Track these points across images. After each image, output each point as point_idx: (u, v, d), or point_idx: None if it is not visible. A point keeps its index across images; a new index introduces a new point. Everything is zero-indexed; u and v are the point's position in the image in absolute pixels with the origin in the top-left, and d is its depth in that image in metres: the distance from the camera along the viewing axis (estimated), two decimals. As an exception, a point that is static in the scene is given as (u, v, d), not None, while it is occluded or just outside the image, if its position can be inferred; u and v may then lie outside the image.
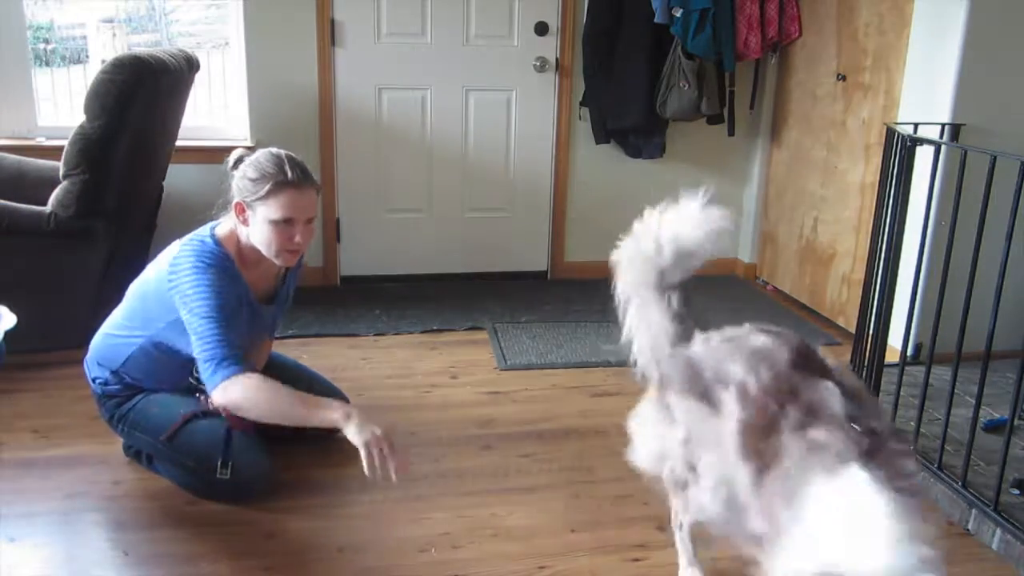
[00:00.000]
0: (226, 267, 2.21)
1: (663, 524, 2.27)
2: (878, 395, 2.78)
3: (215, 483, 2.26)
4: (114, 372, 2.38)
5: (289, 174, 2.15)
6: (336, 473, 2.49)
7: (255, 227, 2.20)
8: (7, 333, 1.99)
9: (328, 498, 2.36)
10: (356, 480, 2.45)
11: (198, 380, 2.24)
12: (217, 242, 2.23)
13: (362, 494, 2.38)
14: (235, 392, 2.09)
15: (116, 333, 2.38)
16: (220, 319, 2.12)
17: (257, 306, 2.35)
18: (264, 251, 2.22)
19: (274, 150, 2.23)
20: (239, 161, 2.24)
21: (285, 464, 2.48)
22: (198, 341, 2.13)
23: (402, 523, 2.25)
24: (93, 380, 2.43)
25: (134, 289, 2.37)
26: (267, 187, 2.14)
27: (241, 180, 2.19)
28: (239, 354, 2.13)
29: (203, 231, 2.27)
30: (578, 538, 2.20)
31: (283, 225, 2.17)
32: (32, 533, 2.15)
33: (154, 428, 2.32)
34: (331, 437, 2.64)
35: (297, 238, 2.20)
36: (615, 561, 2.11)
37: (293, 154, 2.25)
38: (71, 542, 2.14)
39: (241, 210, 2.20)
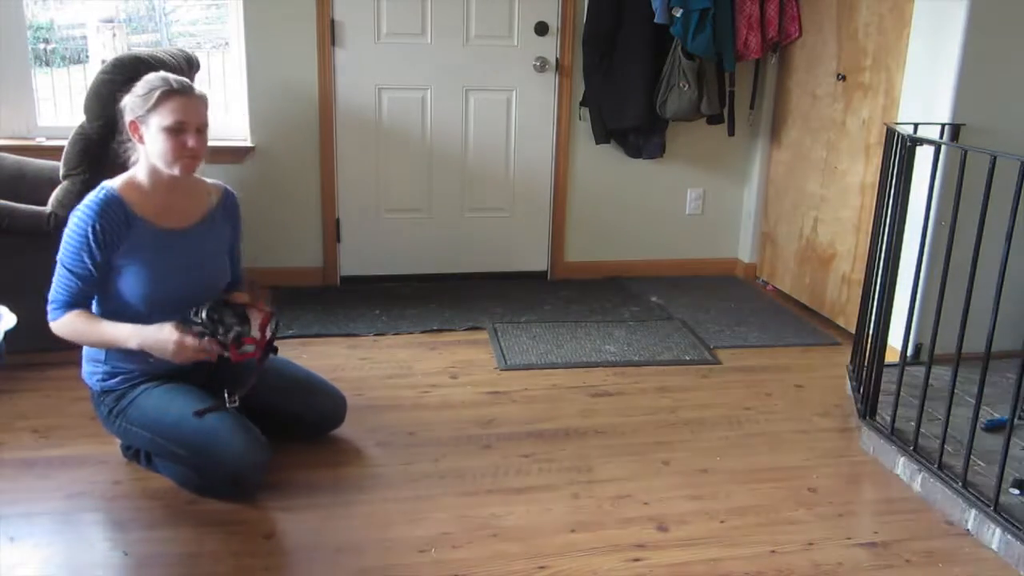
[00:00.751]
0: (107, 210, 2.25)
1: (663, 524, 2.27)
2: (878, 395, 2.78)
3: (211, 475, 2.26)
4: (103, 361, 2.38)
5: (175, 84, 2.28)
6: (335, 473, 2.49)
7: (150, 142, 2.27)
8: (7, 333, 1.99)
9: (328, 498, 2.36)
10: (356, 480, 2.46)
11: (187, 317, 2.28)
12: (110, 184, 2.31)
13: (362, 494, 2.38)
14: (57, 329, 2.29)
15: None
16: (72, 269, 2.25)
17: (168, 233, 2.34)
18: (162, 165, 2.28)
19: (158, 72, 2.35)
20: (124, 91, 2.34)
21: (285, 464, 2.49)
22: (51, 289, 2.28)
23: (402, 523, 2.25)
24: (90, 379, 2.43)
25: None
26: (156, 96, 2.24)
27: (131, 99, 2.29)
28: (72, 302, 2.27)
29: (100, 184, 2.34)
30: (578, 538, 2.20)
31: (176, 132, 2.25)
32: (32, 533, 2.15)
33: (150, 422, 2.31)
34: (326, 436, 2.65)
35: (191, 143, 2.27)
36: (615, 561, 2.11)
37: None
38: (71, 542, 2.14)
39: (135, 128, 2.28)
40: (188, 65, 3.31)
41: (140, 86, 2.30)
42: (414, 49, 4.05)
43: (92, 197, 2.28)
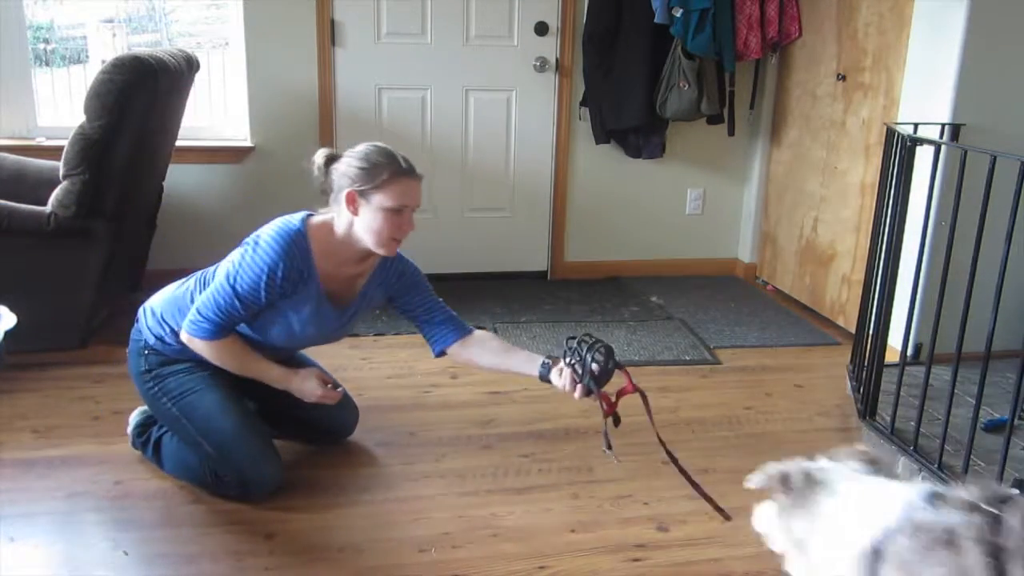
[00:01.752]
0: (295, 251, 2.21)
1: (663, 524, 2.27)
2: (878, 395, 2.78)
3: (223, 476, 2.27)
4: (175, 331, 2.31)
5: (403, 164, 2.24)
6: (336, 473, 2.49)
7: (365, 216, 2.21)
8: (7, 333, 2.00)
9: (328, 498, 2.36)
10: (356, 480, 2.46)
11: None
12: (304, 224, 2.25)
13: (362, 494, 2.38)
14: (198, 346, 2.24)
15: (191, 295, 2.33)
16: (241, 300, 2.18)
17: (325, 304, 2.31)
18: (369, 241, 2.23)
19: (376, 143, 2.28)
20: (333, 158, 2.27)
21: (285, 464, 2.48)
22: (209, 292, 2.20)
23: (402, 523, 2.25)
24: (146, 330, 2.37)
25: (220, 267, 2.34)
26: (384, 175, 2.19)
27: (350, 170, 2.21)
28: (227, 330, 2.23)
29: (296, 215, 2.29)
30: (578, 538, 2.20)
31: (396, 213, 2.22)
32: (32, 533, 2.15)
33: (184, 404, 2.29)
34: (333, 440, 2.65)
35: (407, 227, 2.27)
36: (615, 561, 2.11)
37: None
38: (71, 542, 2.14)
39: (352, 199, 2.21)
40: (188, 65, 3.31)
41: (360, 159, 2.22)
42: (414, 49, 4.05)
43: (284, 228, 2.22)
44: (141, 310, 2.42)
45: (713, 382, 3.24)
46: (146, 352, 2.37)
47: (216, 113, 4.16)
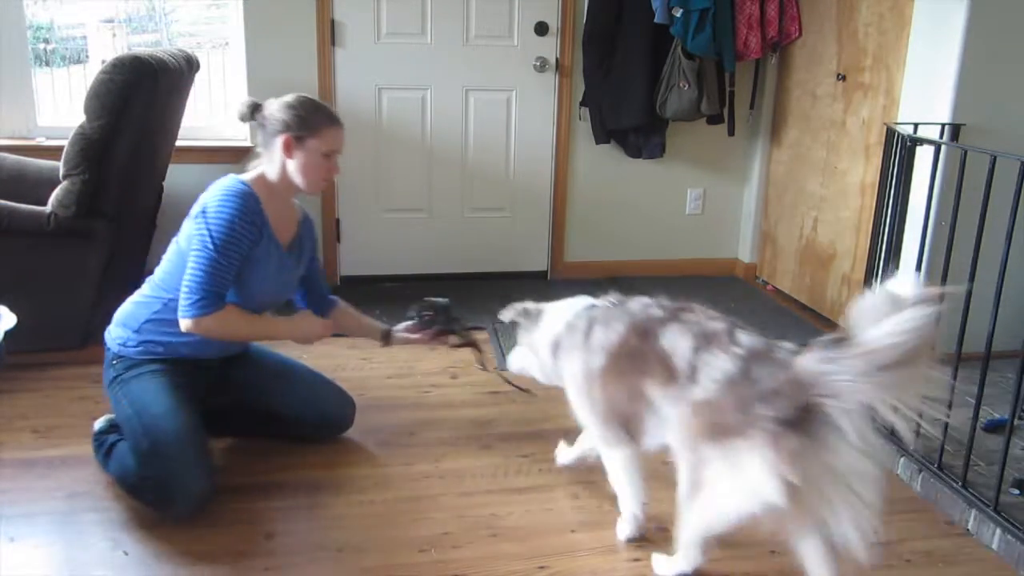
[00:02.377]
0: (251, 204, 2.32)
1: (663, 524, 2.27)
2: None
3: (149, 482, 2.22)
4: (135, 331, 2.38)
5: (334, 114, 2.44)
6: (335, 473, 2.49)
7: (299, 159, 2.37)
8: (7, 333, 1.99)
9: (328, 498, 2.36)
10: (356, 480, 2.46)
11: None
12: (241, 183, 2.35)
13: (362, 494, 2.38)
14: (204, 325, 2.28)
15: (144, 295, 2.43)
16: (222, 255, 2.25)
17: (280, 249, 2.44)
18: (302, 182, 2.40)
19: (303, 94, 2.43)
20: (258, 106, 2.41)
21: (285, 464, 2.49)
22: (188, 272, 2.26)
23: (402, 523, 2.25)
24: (112, 341, 2.42)
25: (168, 250, 2.42)
26: (320, 123, 2.37)
27: (286, 117, 2.36)
28: (220, 294, 2.28)
29: (228, 176, 2.39)
30: (578, 538, 2.20)
31: (327, 157, 2.40)
32: (32, 533, 2.15)
33: (141, 404, 2.28)
34: (331, 437, 2.65)
35: (334, 170, 2.45)
36: (615, 561, 2.12)
37: None
38: (71, 542, 2.14)
39: (288, 144, 2.35)
40: (188, 65, 3.31)
41: (295, 108, 2.37)
42: (414, 49, 4.05)
43: (229, 188, 2.31)
44: (105, 334, 2.46)
45: (713, 382, 3.23)
46: (114, 362, 2.40)
47: (216, 113, 4.16)
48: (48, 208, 2.98)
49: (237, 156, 3.98)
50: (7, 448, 2.55)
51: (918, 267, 2.58)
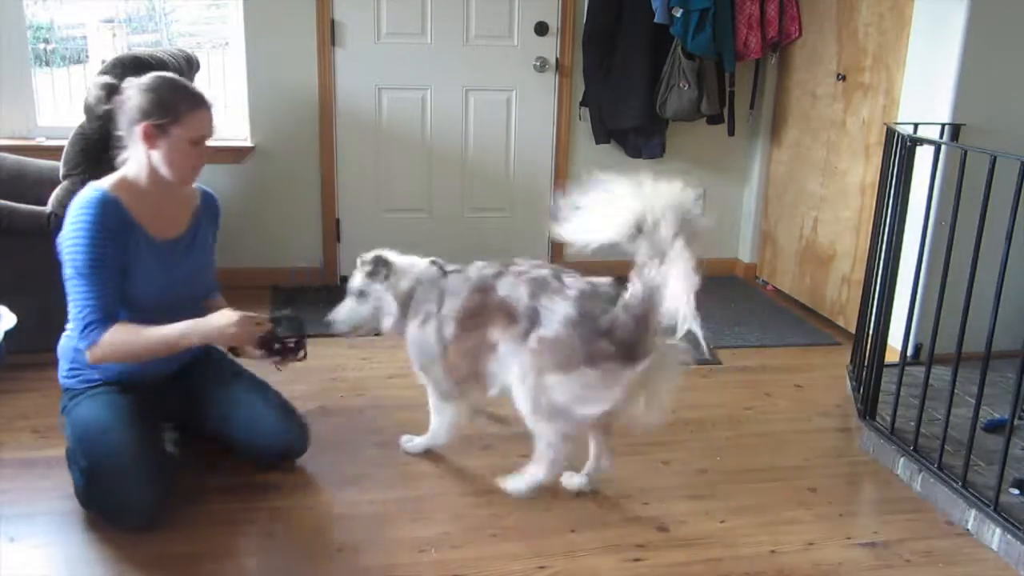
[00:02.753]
0: (108, 211, 2.13)
1: (663, 524, 2.27)
2: (878, 395, 2.78)
3: (98, 499, 2.18)
4: (71, 362, 2.30)
5: (199, 95, 2.20)
6: (336, 473, 2.49)
7: (163, 150, 2.16)
8: (7, 333, 2.00)
9: (328, 498, 2.36)
10: (356, 480, 2.46)
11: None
12: (101, 190, 2.16)
13: (362, 494, 2.38)
14: (99, 352, 2.13)
15: (67, 326, 2.29)
16: (92, 276, 2.09)
17: (163, 244, 2.25)
18: (169, 172, 2.19)
19: (162, 74, 2.23)
20: (114, 88, 2.22)
21: (284, 464, 2.48)
22: (70, 303, 2.13)
23: (402, 523, 2.25)
24: (60, 375, 2.35)
25: None
26: (182, 107, 2.15)
27: (143, 102, 2.14)
28: (106, 314, 2.12)
29: (87, 186, 2.20)
30: (578, 538, 2.20)
31: (195, 144, 2.19)
32: (32, 533, 2.15)
33: (82, 424, 2.22)
34: (326, 436, 2.64)
35: (203, 155, 2.24)
36: (615, 561, 2.11)
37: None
38: (71, 542, 2.14)
39: (149, 133, 2.14)
40: (188, 65, 3.31)
41: (153, 92, 2.16)
42: (414, 49, 4.05)
43: (86, 197, 2.15)
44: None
45: (713, 382, 3.24)
46: (64, 394, 2.34)
47: (216, 113, 4.15)
48: (48, 208, 2.98)
49: (237, 156, 3.99)
50: (7, 448, 2.55)
51: (918, 267, 2.59)
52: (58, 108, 4.06)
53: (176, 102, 2.16)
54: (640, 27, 3.99)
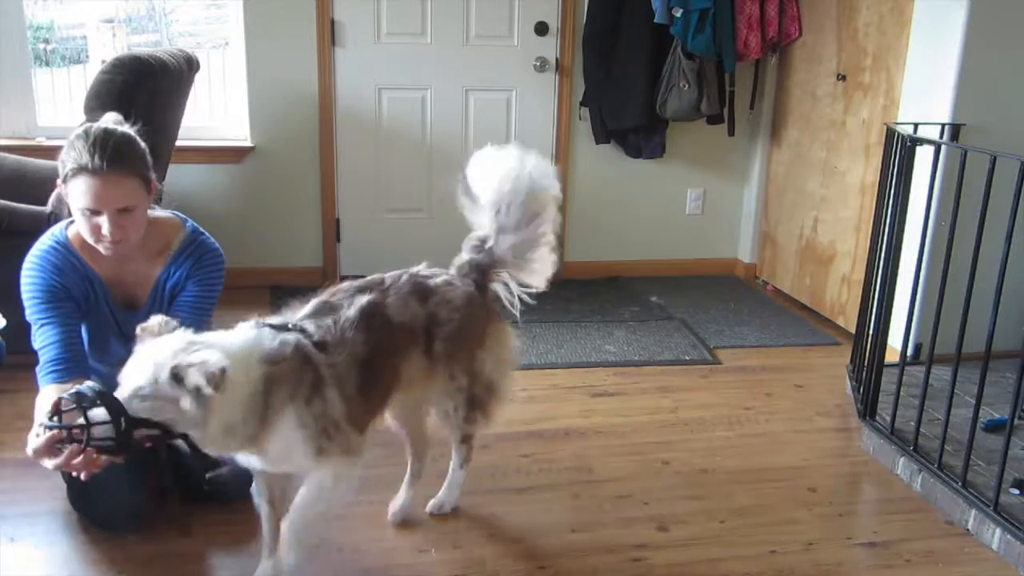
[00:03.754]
0: (59, 259, 1.98)
1: (663, 524, 2.27)
2: (878, 395, 2.78)
3: (78, 506, 2.16)
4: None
5: (92, 159, 1.83)
6: (336, 473, 2.48)
7: (73, 211, 1.93)
8: (7, 333, 2.00)
9: (328, 498, 2.36)
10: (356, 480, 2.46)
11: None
12: (64, 233, 2.02)
13: (362, 494, 2.37)
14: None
15: None
16: (48, 317, 1.96)
17: (123, 314, 2.08)
18: (87, 240, 1.95)
19: (97, 124, 1.93)
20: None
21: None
22: (34, 344, 2.00)
23: (402, 523, 2.24)
24: None
25: None
26: (67, 169, 1.87)
27: (63, 152, 1.90)
28: (73, 356, 1.98)
29: (60, 224, 2.06)
30: (578, 538, 2.20)
31: (89, 214, 1.88)
32: (32, 533, 2.15)
33: None
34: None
35: (105, 229, 1.88)
36: (615, 561, 2.11)
37: (118, 128, 1.95)
38: (71, 542, 2.14)
39: (62, 192, 1.95)
40: (188, 65, 3.31)
41: (69, 142, 1.90)
42: (414, 49, 4.05)
43: (37, 246, 2.03)
44: None
45: (713, 382, 3.24)
46: None
47: (216, 113, 4.16)
48: (48, 208, 2.97)
49: (237, 156, 4.00)
50: (7, 448, 2.55)
51: (918, 267, 2.59)
52: (58, 108, 4.06)
53: (66, 162, 1.88)
54: (640, 27, 3.99)
